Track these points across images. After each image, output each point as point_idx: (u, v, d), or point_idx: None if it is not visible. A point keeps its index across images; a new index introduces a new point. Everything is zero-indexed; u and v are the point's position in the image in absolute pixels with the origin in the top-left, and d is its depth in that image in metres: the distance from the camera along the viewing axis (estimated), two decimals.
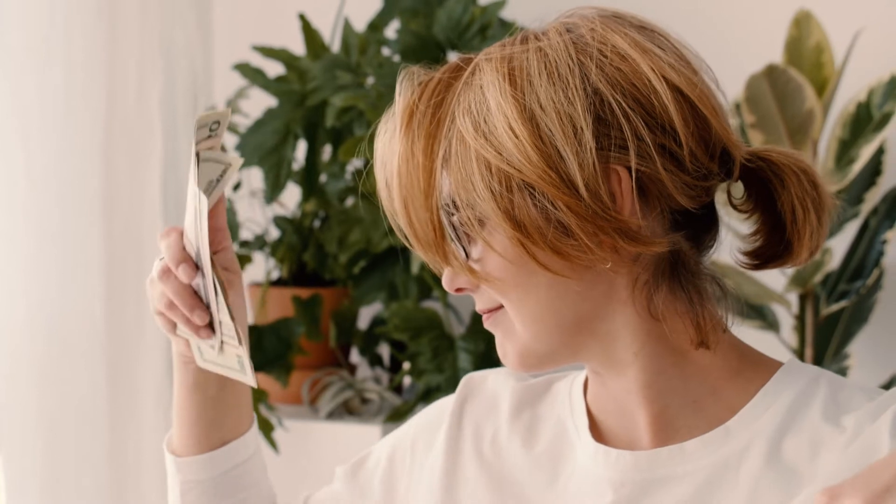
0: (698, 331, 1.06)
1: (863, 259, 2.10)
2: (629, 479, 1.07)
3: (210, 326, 1.13)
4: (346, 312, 2.31)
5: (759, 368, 1.09)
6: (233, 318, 1.10)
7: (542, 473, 1.13)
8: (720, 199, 1.08)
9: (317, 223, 2.34)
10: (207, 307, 1.13)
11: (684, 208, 1.04)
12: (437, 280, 2.19)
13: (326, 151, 2.29)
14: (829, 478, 1.02)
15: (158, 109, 2.23)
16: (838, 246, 2.14)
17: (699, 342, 1.06)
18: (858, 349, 2.19)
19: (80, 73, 2.11)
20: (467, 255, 1.05)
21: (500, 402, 1.18)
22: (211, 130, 1.09)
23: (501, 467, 1.14)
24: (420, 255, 1.07)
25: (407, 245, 1.08)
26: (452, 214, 1.04)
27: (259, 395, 2.17)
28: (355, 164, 2.28)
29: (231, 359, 1.13)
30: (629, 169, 1.01)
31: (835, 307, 2.09)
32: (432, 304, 2.28)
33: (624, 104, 1.01)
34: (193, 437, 1.22)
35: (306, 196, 2.26)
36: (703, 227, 1.07)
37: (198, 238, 1.10)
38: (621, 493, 1.07)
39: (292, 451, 2.23)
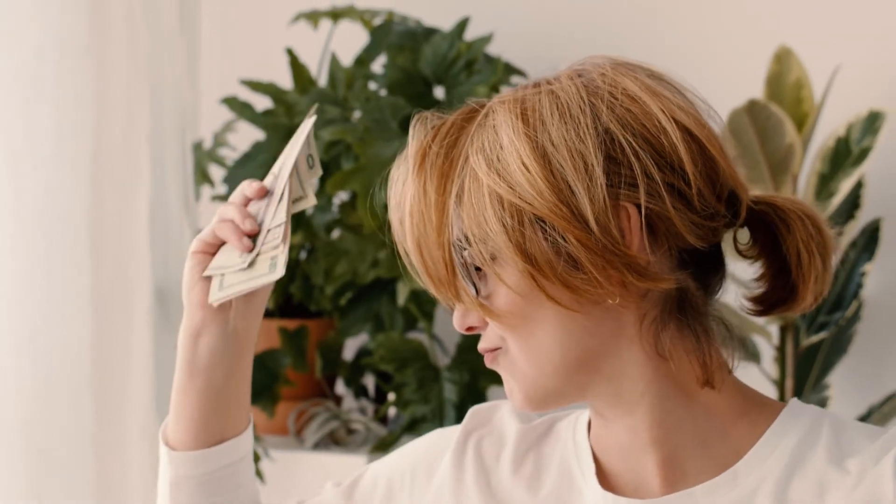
0: (704, 370, 1.06)
1: (842, 291, 2.13)
2: None
3: (251, 240, 1.15)
4: (331, 344, 2.33)
5: (764, 410, 1.09)
6: (289, 218, 1.13)
7: None
8: (726, 248, 1.10)
9: (303, 255, 2.36)
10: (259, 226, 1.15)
11: (691, 248, 1.05)
12: (423, 312, 2.21)
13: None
14: None
15: (146, 145, 2.25)
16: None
17: (705, 381, 1.07)
18: (838, 380, 2.21)
19: (69, 108, 2.12)
20: (477, 292, 1.06)
21: (506, 440, 1.18)
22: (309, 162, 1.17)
23: (515, 500, 1.14)
24: (432, 292, 1.08)
25: (419, 282, 1.09)
26: (464, 249, 1.05)
27: None
28: (342, 196, 2.31)
29: (262, 266, 1.13)
30: (638, 206, 1.03)
31: (814, 338, 2.11)
32: (418, 336, 2.30)
33: (634, 143, 1.03)
34: (192, 432, 1.20)
35: (293, 228, 2.28)
36: (709, 268, 1.08)
37: (286, 158, 1.15)
38: None
39: (279, 481, 2.24)
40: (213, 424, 1.20)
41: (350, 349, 2.42)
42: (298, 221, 2.27)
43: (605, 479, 1.12)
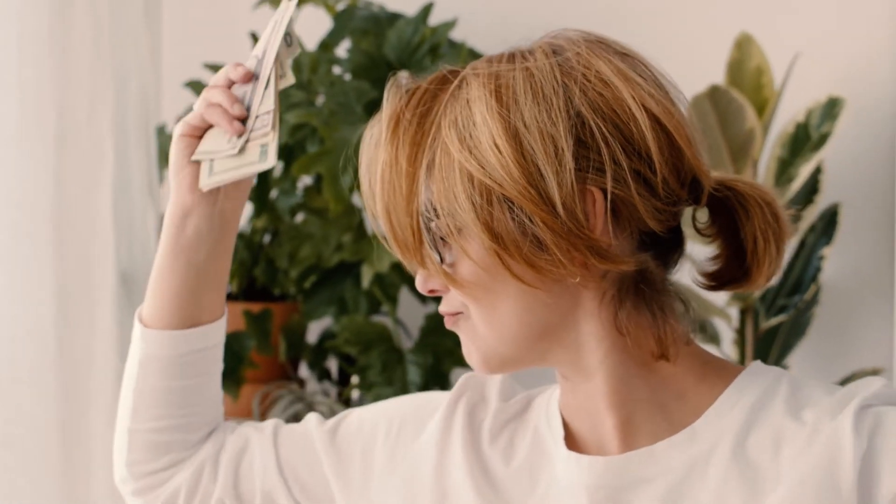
0: (660, 344, 1.09)
1: (801, 275, 2.15)
2: (603, 483, 1.10)
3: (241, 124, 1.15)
4: (295, 327, 2.34)
5: (723, 373, 1.12)
6: (277, 105, 1.14)
7: (522, 483, 1.15)
8: (685, 225, 1.12)
9: (267, 238, 2.36)
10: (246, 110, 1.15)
11: (652, 231, 1.08)
12: (387, 295, 2.22)
13: (277, 168, 2.32)
14: (791, 476, 1.05)
15: (110, 129, 2.25)
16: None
17: (660, 355, 1.10)
18: (796, 362, 2.24)
19: (31, 93, 2.12)
20: (442, 260, 1.08)
21: (488, 411, 1.20)
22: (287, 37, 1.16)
23: (485, 472, 1.17)
24: (398, 256, 1.10)
25: (385, 246, 1.11)
26: (431, 221, 1.07)
27: None
28: (306, 180, 2.31)
29: (252, 153, 1.14)
30: (604, 191, 1.05)
31: (774, 321, 2.14)
32: (382, 319, 2.31)
33: (604, 129, 1.05)
34: (168, 311, 1.22)
35: (257, 212, 2.29)
36: (669, 247, 1.11)
37: (269, 42, 1.15)
38: (596, 498, 1.10)
39: None
40: (190, 306, 1.22)
41: (313, 333, 2.43)
42: (263, 205, 2.28)
43: (572, 441, 1.14)
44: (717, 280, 1.13)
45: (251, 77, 1.16)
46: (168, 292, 1.21)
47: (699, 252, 1.16)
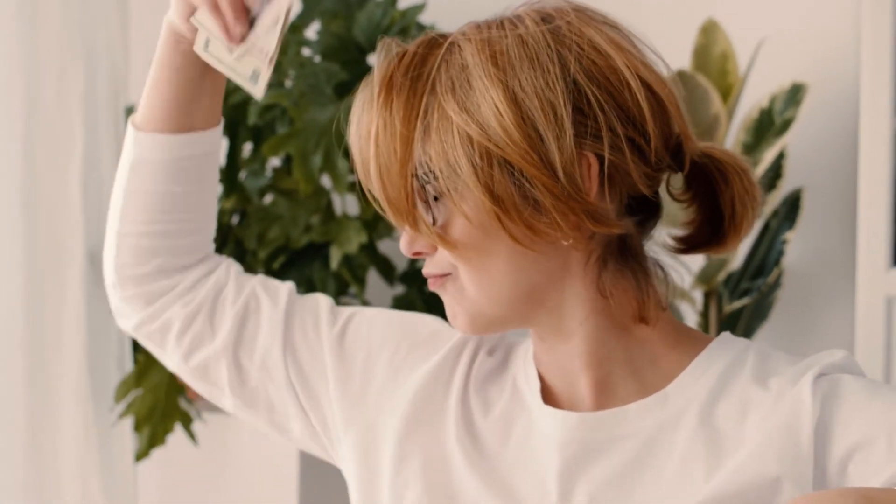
0: (641, 306, 1.13)
1: (764, 258, 2.18)
2: (576, 438, 1.13)
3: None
4: None
5: (695, 342, 1.15)
6: (279, 43, 1.14)
7: (498, 434, 1.17)
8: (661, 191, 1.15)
9: (236, 220, 2.37)
10: (251, 24, 1.15)
11: (638, 195, 1.11)
12: (356, 276, 2.24)
13: (246, 149, 2.33)
14: (755, 439, 1.09)
15: (80, 109, 2.25)
16: (741, 246, 2.21)
17: (640, 317, 1.13)
18: None
19: (1, 72, 2.13)
20: (434, 222, 1.09)
21: (478, 360, 1.22)
22: None
23: (467, 422, 1.18)
24: (389, 217, 1.11)
25: (378, 209, 1.12)
26: (427, 182, 1.08)
27: (178, 389, 2.20)
28: (274, 161, 2.32)
29: (246, 65, 1.16)
30: (598, 157, 1.07)
31: (737, 304, 2.16)
32: (350, 300, 2.32)
33: (600, 97, 1.07)
34: (163, 114, 1.21)
35: (226, 193, 2.29)
36: (650, 213, 1.14)
37: None
38: (567, 452, 1.13)
39: (211, 442, 2.26)
40: (184, 112, 1.21)
41: None
42: (232, 186, 2.29)
43: (549, 395, 1.17)
44: (688, 243, 1.17)
45: None
46: (161, 99, 1.21)
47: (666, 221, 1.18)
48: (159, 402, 2.19)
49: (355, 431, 1.21)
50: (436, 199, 1.09)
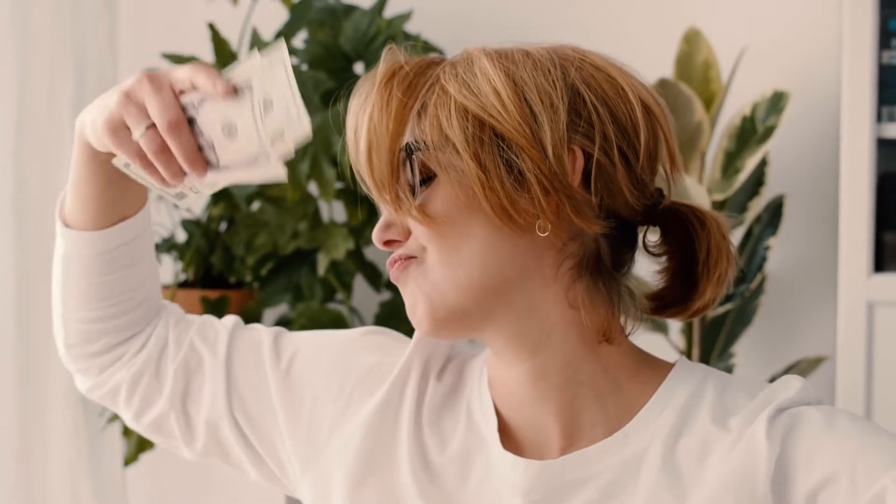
0: (609, 325, 1.11)
1: (747, 264, 2.19)
2: (539, 484, 1.11)
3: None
4: (251, 313, 2.36)
5: (655, 371, 1.14)
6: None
7: (456, 473, 1.15)
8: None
9: (224, 226, 2.38)
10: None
11: (617, 215, 1.10)
12: (342, 283, 2.26)
13: None
14: (713, 483, 1.08)
15: (69, 117, 2.26)
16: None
17: (606, 337, 1.11)
18: (742, 349, 2.28)
19: None
20: (414, 195, 1.08)
21: (429, 384, 1.19)
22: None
23: (423, 458, 1.16)
24: (372, 194, 1.10)
25: (364, 187, 1.11)
26: (414, 153, 1.08)
27: None
28: None
29: (173, 189, 1.10)
30: (585, 154, 1.08)
31: (720, 310, 2.18)
32: (336, 307, 2.34)
33: (596, 103, 1.09)
34: (89, 213, 1.17)
35: (214, 200, 2.31)
36: (623, 242, 1.13)
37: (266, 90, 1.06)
38: (531, 499, 1.11)
39: None
40: (108, 210, 1.17)
41: (269, 319, 2.45)
42: (219, 193, 2.30)
43: (507, 434, 1.14)
44: (661, 300, 1.15)
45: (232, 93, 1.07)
46: (83, 199, 1.16)
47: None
48: None
49: (311, 476, 1.20)
50: (423, 178, 1.08)
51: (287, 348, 1.23)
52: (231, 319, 1.24)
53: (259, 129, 1.06)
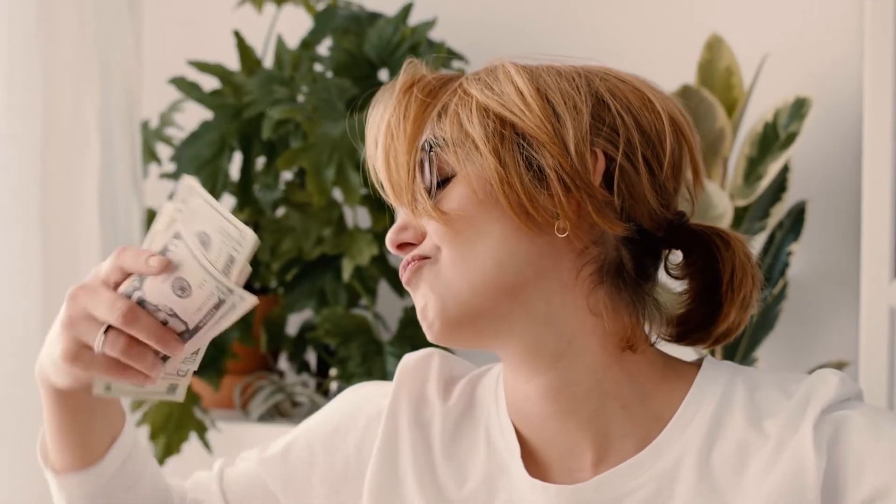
0: (632, 332, 1.08)
1: (769, 270, 2.19)
2: None
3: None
4: (276, 319, 2.37)
5: (681, 375, 1.11)
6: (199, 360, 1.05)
7: (480, 501, 1.12)
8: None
9: None
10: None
11: (639, 225, 1.08)
12: (367, 288, 2.27)
13: (259, 163, 2.36)
14: (759, 492, 1.05)
15: (95, 123, 2.28)
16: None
17: (629, 344, 1.08)
18: (765, 354, 2.28)
19: (19, 86, 2.15)
20: (431, 195, 1.07)
21: (433, 411, 1.15)
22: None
23: (440, 497, 1.13)
24: (390, 198, 1.10)
25: (380, 191, 1.11)
26: (432, 150, 1.07)
27: (193, 398, 2.23)
28: (287, 175, 2.35)
29: (160, 387, 1.05)
30: (606, 157, 1.07)
31: None
32: (361, 312, 2.35)
33: (621, 110, 1.08)
34: (71, 454, 1.13)
35: (240, 206, 2.32)
36: (646, 252, 1.10)
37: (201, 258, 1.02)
38: None
39: (225, 451, 2.29)
40: (91, 443, 1.13)
41: (293, 326, 2.47)
42: (245, 199, 2.32)
43: (531, 457, 1.11)
44: (684, 325, 1.12)
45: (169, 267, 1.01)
46: (63, 440, 1.12)
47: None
48: (174, 412, 2.22)
49: None
50: (440, 179, 1.07)
51: (278, 447, 1.21)
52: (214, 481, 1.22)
53: (208, 268, 1.00)
